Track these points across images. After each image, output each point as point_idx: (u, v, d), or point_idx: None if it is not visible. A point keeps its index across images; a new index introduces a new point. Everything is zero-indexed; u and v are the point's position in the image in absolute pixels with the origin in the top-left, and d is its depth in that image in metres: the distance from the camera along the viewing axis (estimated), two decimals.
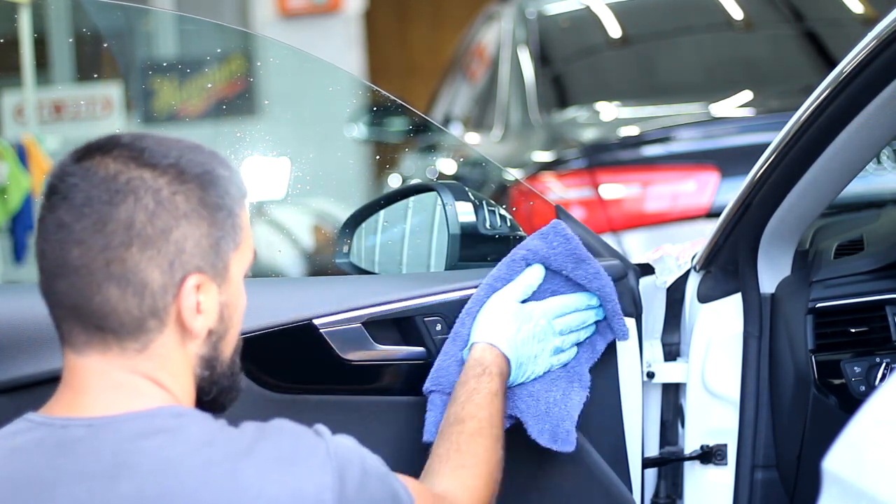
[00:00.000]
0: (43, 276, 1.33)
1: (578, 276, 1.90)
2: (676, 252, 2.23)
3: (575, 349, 1.90)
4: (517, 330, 1.82)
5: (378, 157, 6.90)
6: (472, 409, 1.70)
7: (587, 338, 1.92)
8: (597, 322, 1.93)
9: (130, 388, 1.32)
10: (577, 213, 3.82)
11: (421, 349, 1.90)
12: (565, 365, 1.89)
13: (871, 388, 1.95)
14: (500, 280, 1.87)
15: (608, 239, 2.70)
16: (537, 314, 1.85)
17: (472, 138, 5.16)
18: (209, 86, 8.62)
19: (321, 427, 1.38)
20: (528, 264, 1.90)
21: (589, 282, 1.90)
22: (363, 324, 1.86)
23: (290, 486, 1.29)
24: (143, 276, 1.31)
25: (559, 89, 4.72)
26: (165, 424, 1.30)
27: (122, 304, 1.31)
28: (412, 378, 1.87)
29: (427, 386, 1.83)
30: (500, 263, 1.89)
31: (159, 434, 1.29)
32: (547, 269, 1.90)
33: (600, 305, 1.92)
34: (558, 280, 1.91)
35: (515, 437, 1.86)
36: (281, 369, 1.83)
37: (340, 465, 1.33)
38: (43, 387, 1.73)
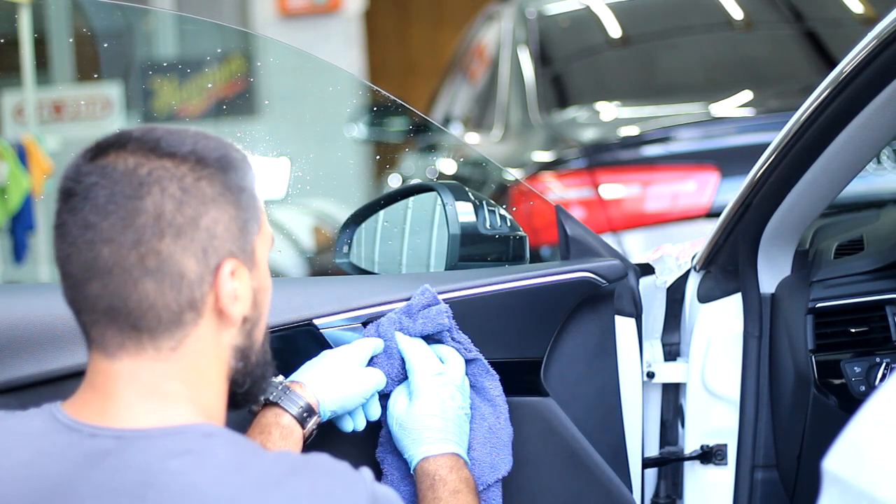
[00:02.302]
0: (69, 281, 1.29)
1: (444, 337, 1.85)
2: (676, 252, 2.23)
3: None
4: (456, 420, 1.77)
5: (378, 157, 6.90)
6: None
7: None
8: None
9: (161, 396, 1.29)
10: (577, 213, 3.82)
11: None
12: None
13: (871, 388, 1.95)
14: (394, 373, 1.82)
15: (608, 239, 2.70)
16: (450, 390, 1.79)
17: (472, 138, 5.16)
18: (209, 86, 8.63)
19: (366, 470, 1.34)
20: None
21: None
22: (363, 324, 1.86)
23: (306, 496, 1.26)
24: (180, 267, 1.28)
25: (559, 89, 4.72)
26: (195, 445, 1.27)
27: (161, 299, 1.27)
28: None
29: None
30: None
31: (187, 455, 1.26)
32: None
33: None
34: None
35: (515, 437, 1.86)
36: (281, 369, 1.83)
37: (375, 498, 1.29)
38: (43, 387, 1.73)
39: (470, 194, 2.03)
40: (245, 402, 1.39)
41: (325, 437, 1.74)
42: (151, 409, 1.29)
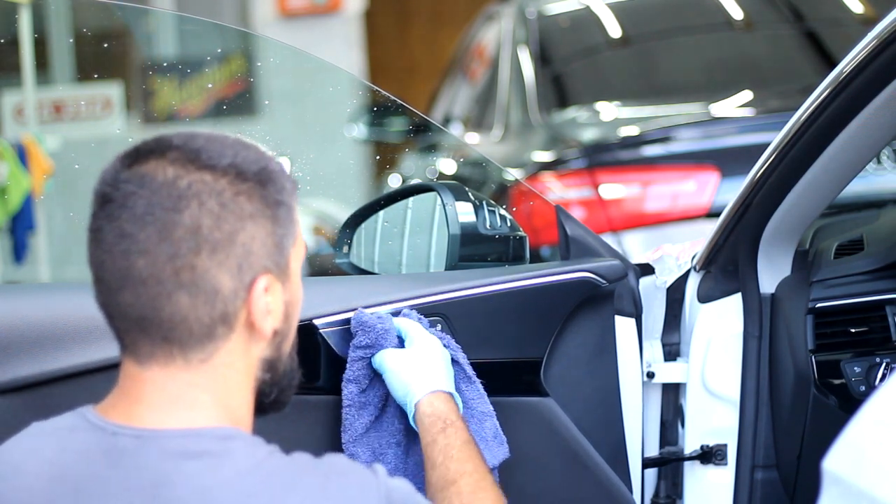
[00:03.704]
0: (102, 286, 1.29)
1: None
2: (676, 252, 2.23)
3: None
4: (447, 369, 1.78)
5: (378, 157, 6.90)
6: (458, 466, 1.64)
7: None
8: None
9: (186, 402, 1.29)
10: (577, 213, 3.82)
11: None
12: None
13: (871, 388, 1.95)
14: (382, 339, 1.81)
15: (608, 239, 2.70)
16: (438, 347, 1.80)
17: (472, 138, 5.16)
18: (209, 86, 8.63)
19: (378, 467, 1.34)
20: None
21: None
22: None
23: (324, 499, 1.26)
24: (214, 283, 1.27)
25: (559, 89, 4.72)
26: (211, 447, 1.27)
27: (193, 313, 1.27)
28: None
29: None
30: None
31: (203, 457, 1.26)
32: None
33: None
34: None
35: (515, 437, 1.86)
36: None
37: (390, 497, 1.29)
38: (43, 387, 1.73)
39: (470, 194, 2.03)
40: (272, 410, 1.39)
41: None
42: (175, 413, 1.29)
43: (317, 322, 1.83)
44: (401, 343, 1.81)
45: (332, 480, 1.28)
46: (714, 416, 2.09)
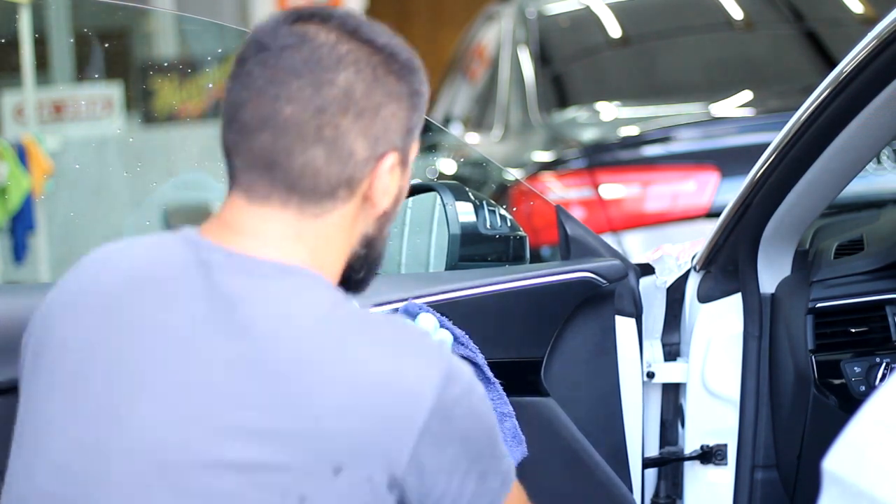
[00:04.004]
0: (236, 126, 1.32)
1: None
2: (676, 252, 2.23)
3: None
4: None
5: None
6: None
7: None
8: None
9: (285, 246, 1.33)
10: (577, 213, 3.82)
11: None
12: None
13: (871, 388, 1.95)
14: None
15: (608, 239, 2.70)
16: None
17: (472, 138, 5.16)
18: (209, 86, 8.62)
19: (446, 341, 1.39)
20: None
21: None
22: None
23: (394, 367, 1.28)
24: (351, 146, 1.32)
25: (559, 89, 4.72)
26: (298, 281, 1.31)
27: (325, 169, 1.31)
28: None
29: None
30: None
31: (288, 287, 1.30)
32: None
33: None
34: None
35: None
36: None
37: (451, 372, 1.30)
38: None
39: (470, 194, 2.03)
40: (353, 289, 1.43)
41: None
42: (272, 251, 1.32)
43: None
44: None
45: (402, 331, 1.33)
46: (714, 416, 2.09)
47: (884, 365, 1.97)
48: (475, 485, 1.33)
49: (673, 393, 2.13)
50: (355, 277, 1.42)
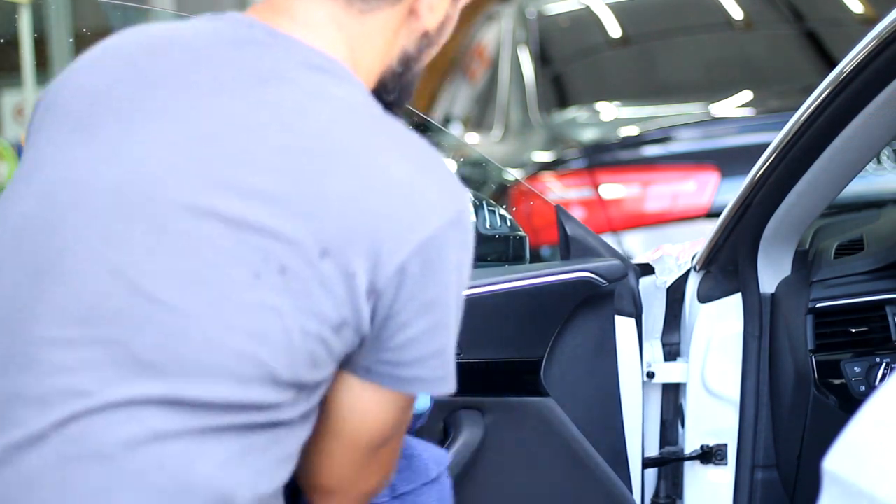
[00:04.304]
0: None
1: None
2: (676, 252, 2.23)
3: None
4: None
5: None
6: None
7: None
8: None
9: (328, 35, 1.31)
10: (577, 213, 3.82)
11: None
12: None
13: (871, 388, 1.95)
14: None
15: (608, 239, 2.70)
16: None
17: (472, 138, 5.16)
18: None
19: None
20: None
21: None
22: None
23: (414, 181, 1.25)
24: None
25: (559, 89, 4.72)
26: (336, 71, 1.30)
27: None
28: None
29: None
30: None
31: (327, 75, 1.29)
32: None
33: None
34: None
35: (515, 437, 1.86)
36: None
37: (462, 218, 1.28)
38: None
39: (470, 194, 2.03)
40: (385, 109, 1.41)
41: None
42: (314, 38, 1.31)
43: None
44: None
45: (434, 163, 1.30)
46: (714, 416, 2.09)
47: (884, 365, 1.97)
48: (428, 337, 1.28)
49: (673, 393, 2.13)
50: (386, 98, 1.40)
